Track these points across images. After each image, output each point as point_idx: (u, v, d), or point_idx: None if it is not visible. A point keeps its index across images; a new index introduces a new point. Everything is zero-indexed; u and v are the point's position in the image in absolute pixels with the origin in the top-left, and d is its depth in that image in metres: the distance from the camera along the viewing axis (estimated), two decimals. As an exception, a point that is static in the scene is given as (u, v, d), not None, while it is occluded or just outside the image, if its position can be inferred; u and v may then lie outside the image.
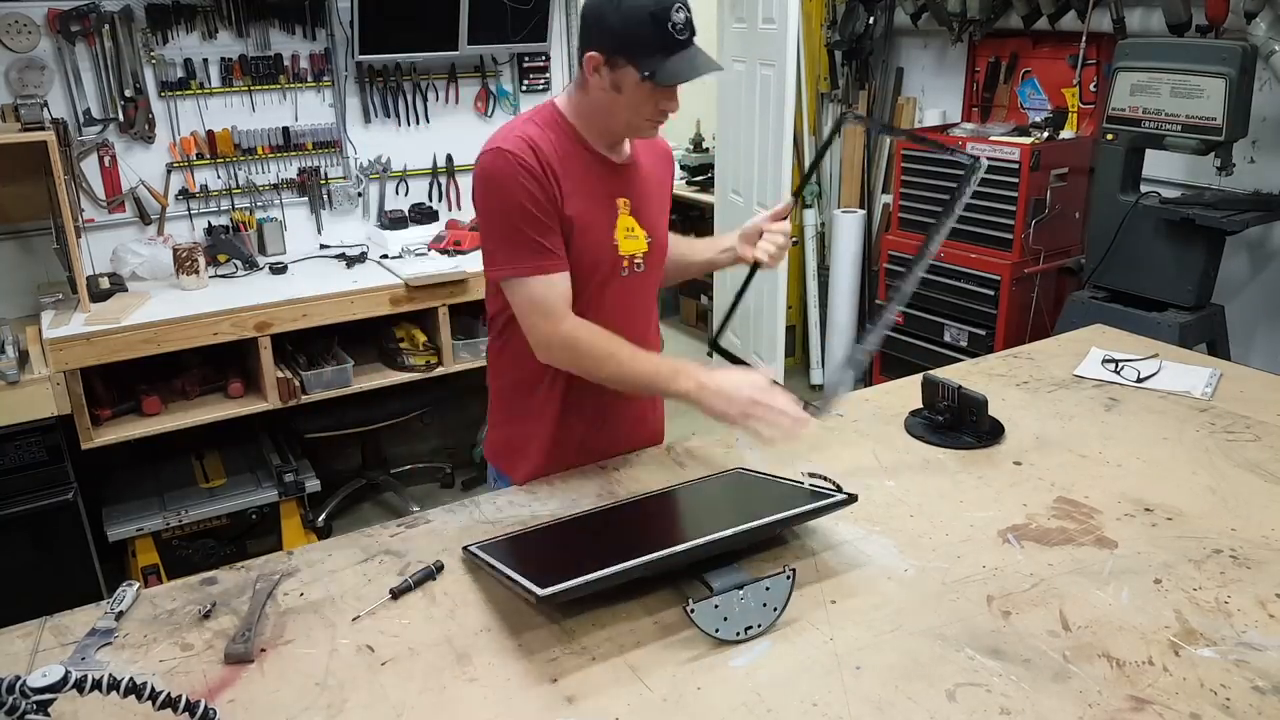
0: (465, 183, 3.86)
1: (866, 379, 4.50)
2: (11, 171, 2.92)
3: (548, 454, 1.73)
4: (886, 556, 1.44)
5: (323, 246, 3.61)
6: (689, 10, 1.51)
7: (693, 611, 1.24)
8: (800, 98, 4.36)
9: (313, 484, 3.31)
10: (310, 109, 3.53)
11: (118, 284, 3.11)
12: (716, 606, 1.25)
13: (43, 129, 2.77)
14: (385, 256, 3.47)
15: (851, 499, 1.43)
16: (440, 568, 1.42)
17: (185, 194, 3.39)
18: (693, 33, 1.51)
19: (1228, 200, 2.99)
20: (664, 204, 1.79)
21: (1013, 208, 3.48)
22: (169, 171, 3.35)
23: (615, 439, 1.79)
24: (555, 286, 1.56)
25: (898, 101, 4.46)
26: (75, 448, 2.84)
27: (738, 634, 1.25)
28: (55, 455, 2.79)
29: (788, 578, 1.29)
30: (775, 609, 1.28)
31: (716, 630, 1.25)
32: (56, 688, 0.98)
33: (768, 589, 1.28)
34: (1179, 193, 3.21)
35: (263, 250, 3.51)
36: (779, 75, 3.87)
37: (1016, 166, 3.44)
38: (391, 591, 1.36)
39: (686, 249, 1.93)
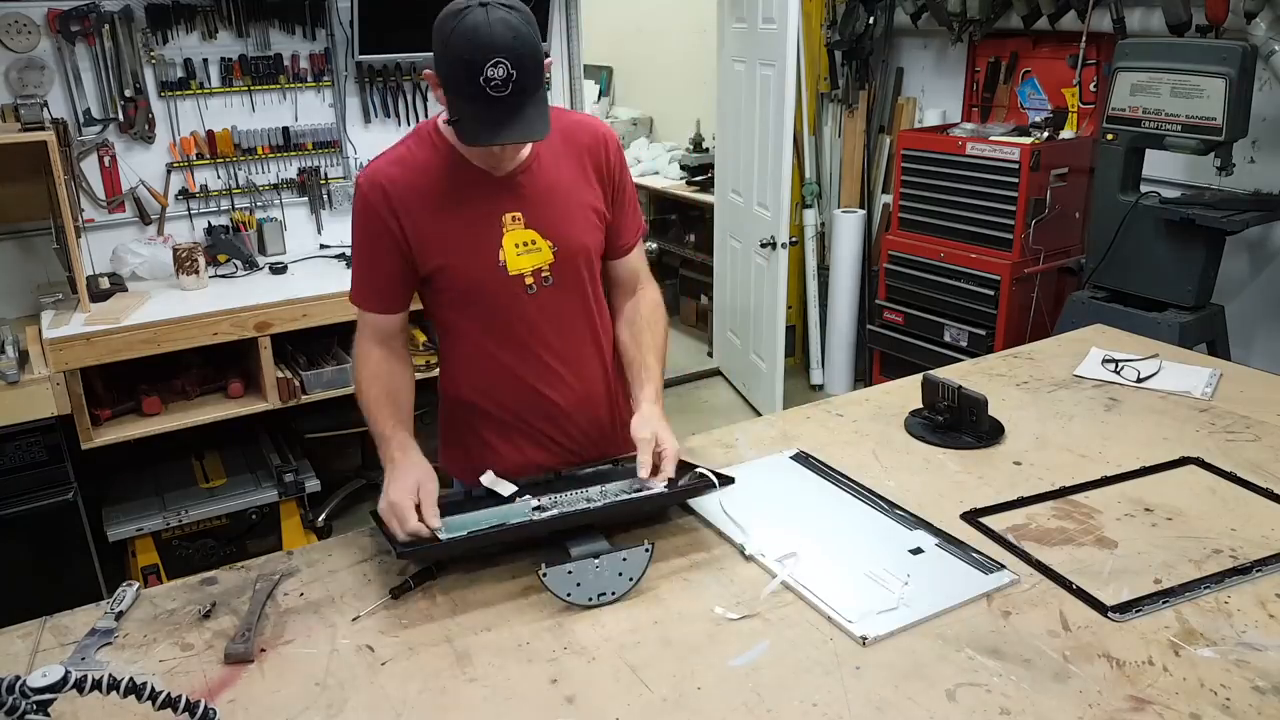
0: (465, 183, 3.86)
1: (867, 379, 4.51)
2: (11, 171, 2.92)
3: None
4: (886, 556, 1.43)
5: (323, 246, 3.61)
6: (514, 68, 1.32)
7: (545, 575, 1.31)
8: (800, 98, 4.36)
9: (313, 484, 3.31)
10: (310, 109, 3.53)
11: (118, 284, 3.11)
12: (570, 572, 1.33)
13: (43, 129, 2.77)
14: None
15: (724, 481, 1.51)
16: (440, 568, 1.42)
17: (185, 194, 3.39)
18: (518, 89, 1.34)
19: (1228, 200, 2.99)
20: (585, 202, 1.62)
21: (1013, 208, 3.48)
22: (169, 171, 3.35)
23: (572, 455, 1.72)
24: (366, 320, 1.62)
25: (898, 102, 4.46)
26: (75, 448, 2.83)
27: (589, 599, 1.32)
28: (55, 455, 2.79)
29: (646, 550, 1.36)
30: (631, 579, 1.34)
31: (568, 595, 1.32)
32: (56, 688, 0.98)
33: (624, 559, 1.35)
34: (1179, 193, 3.21)
35: (263, 250, 3.50)
36: (779, 75, 3.87)
37: (1016, 166, 3.43)
38: (391, 591, 1.36)
39: (633, 345, 1.70)
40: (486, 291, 1.57)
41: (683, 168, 5.35)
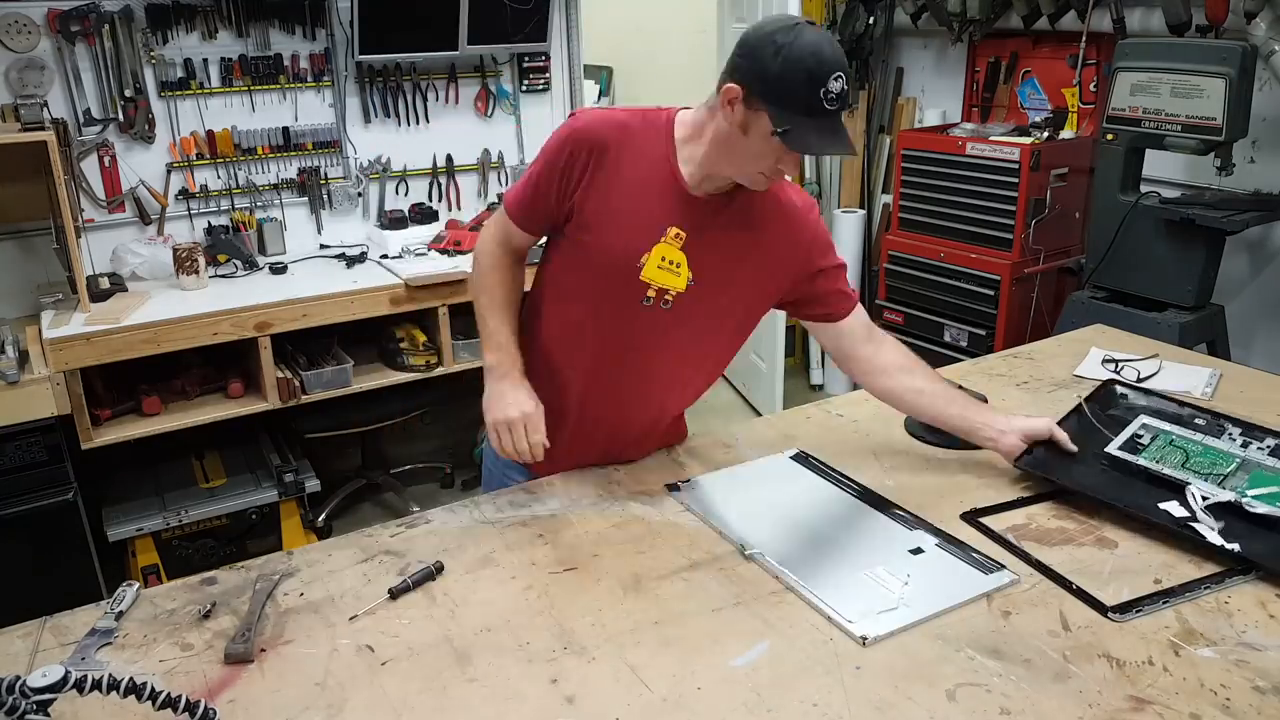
0: (465, 183, 3.86)
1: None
2: (11, 171, 2.92)
3: (564, 456, 1.68)
4: (886, 556, 1.43)
5: (323, 246, 3.61)
6: (848, 84, 1.40)
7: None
8: (800, 98, 4.35)
9: (313, 484, 3.31)
10: (310, 109, 3.53)
11: (118, 284, 3.11)
12: None
13: (43, 129, 2.77)
14: (385, 256, 3.47)
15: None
16: (440, 568, 1.42)
17: (185, 194, 3.39)
18: (844, 106, 1.41)
19: (1228, 200, 2.99)
20: (757, 263, 1.61)
21: (1013, 208, 3.48)
22: (169, 171, 3.35)
23: (628, 448, 1.75)
24: (504, 223, 1.65)
25: (898, 101, 4.46)
26: (75, 448, 2.83)
27: None
28: (55, 455, 2.79)
29: None
30: None
31: None
32: (56, 688, 0.99)
33: None
34: (1179, 193, 3.21)
35: (263, 250, 3.50)
36: (779, 75, 3.87)
37: (1016, 166, 3.44)
38: (390, 591, 1.36)
39: (936, 400, 1.71)
40: (611, 278, 1.57)
41: (683, 167, 5.34)
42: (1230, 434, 1.73)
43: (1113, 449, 1.66)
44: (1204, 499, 1.49)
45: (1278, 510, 1.46)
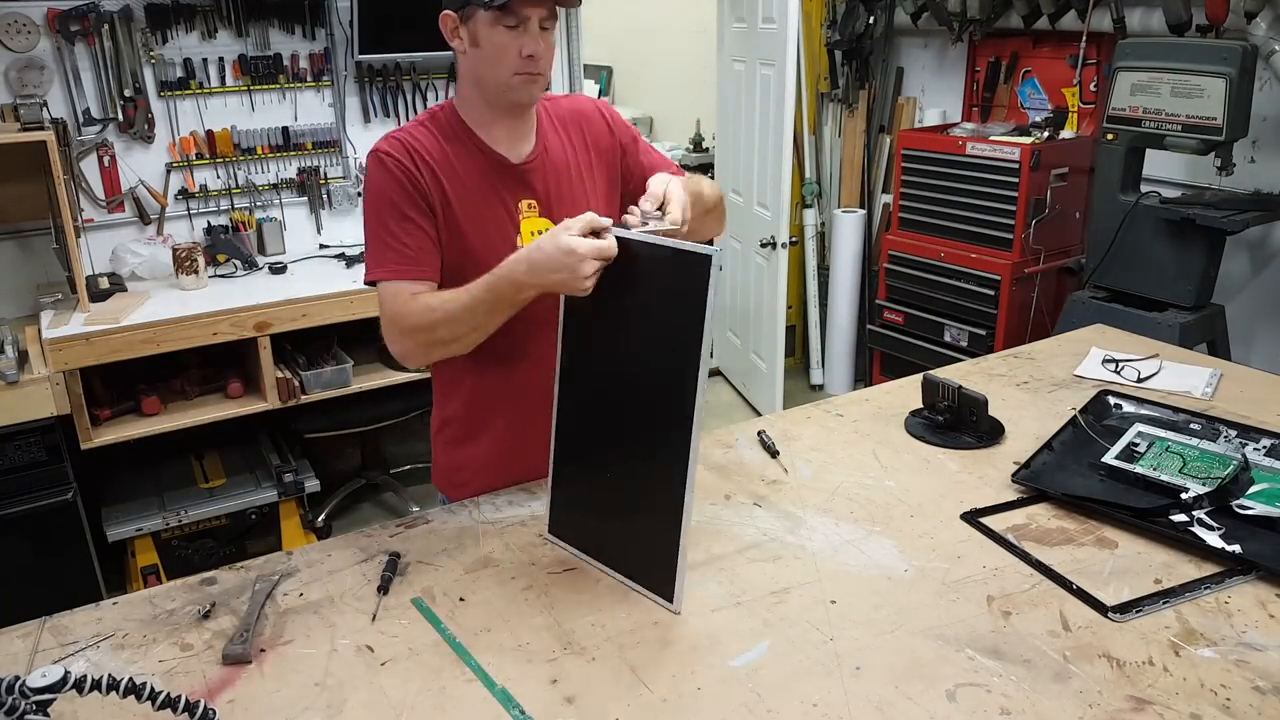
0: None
1: (867, 379, 4.51)
2: (11, 171, 2.92)
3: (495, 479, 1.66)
4: (886, 556, 1.44)
5: (322, 246, 3.61)
6: None
7: None
8: (800, 98, 4.36)
9: (312, 484, 3.31)
10: (310, 109, 3.53)
11: (117, 284, 3.11)
12: None
13: (42, 129, 2.77)
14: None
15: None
16: (397, 557, 1.43)
17: (185, 194, 3.39)
18: None
19: (1228, 200, 2.99)
20: (595, 186, 1.64)
21: (1013, 208, 3.48)
22: (168, 171, 3.35)
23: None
24: (399, 291, 1.49)
25: (898, 101, 4.46)
26: (75, 448, 2.83)
27: None
28: (55, 455, 2.79)
29: None
30: None
31: None
32: (56, 688, 0.98)
33: None
34: (1179, 193, 3.21)
35: (262, 250, 3.50)
36: (779, 75, 3.87)
37: (1016, 166, 3.43)
38: (379, 589, 1.37)
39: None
40: None
41: (683, 167, 5.34)
42: (1226, 436, 1.73)
43: (1110, 459, 1.66)
44: (1202, 502, 1.49)
45: (1276, 510, 1.46)
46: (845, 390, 4.58)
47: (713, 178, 4.87)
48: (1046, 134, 3.51)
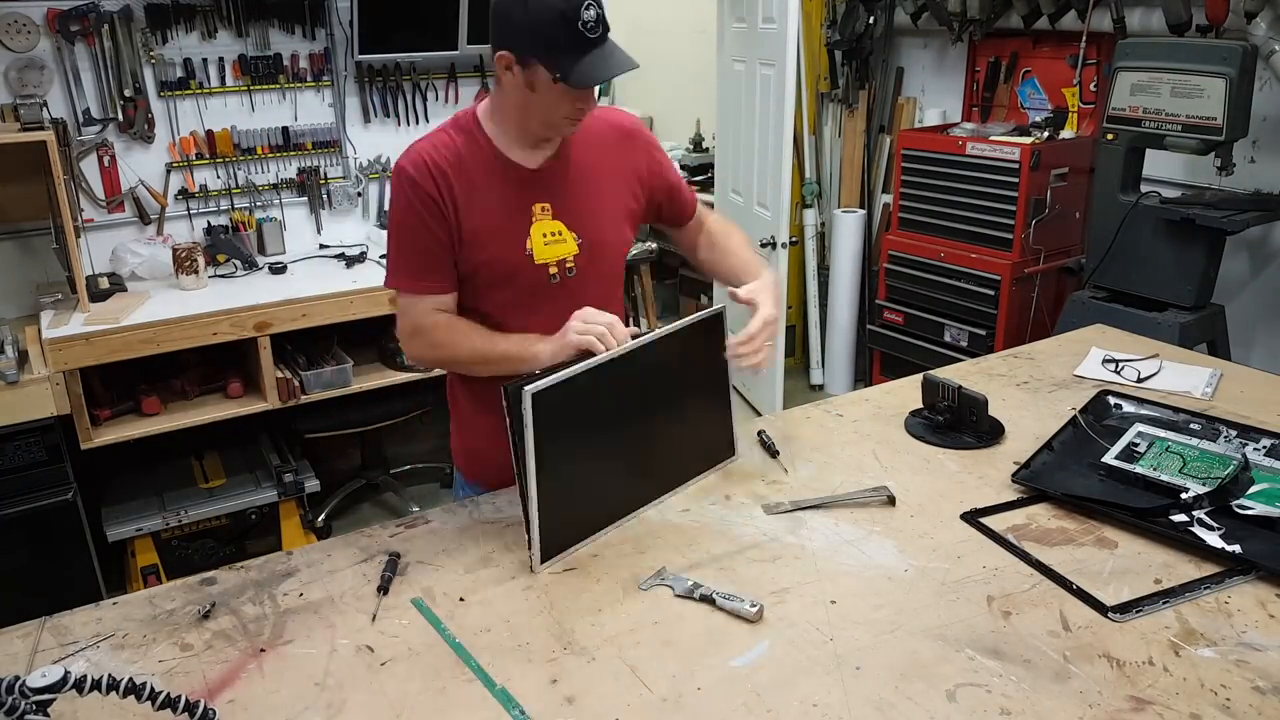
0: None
1: (867, 379, 4.51)
2: (11, 171, 2.92)
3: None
4: (886, 556, 1.44)
5: (322, 246, 3.61)
6: (600, 6, 1.44)
7: None
8: (800, 98, 4.35)
9: (312, 484, 3.31)
10: (310, 109, 3.53)
11: (117, 284, 3.11)
12: None
13: (42, 129, 2.77)
14: (385, 256, 3.47)
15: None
16: (397, 557, 1.43)
17: (185, 194, 3.39)
18: (606, 29, 1.45)
19: (1228, 200, 2.99)
20: (617, 194, 1.68)
21: (1013, 208, 3.48)
22: (168, 171, 3.35)
23: None
24: (420, 301, 1.60)
25: (898, 101, 4.46)
26: (75, 448, 2.83)
27: None
28: (55, 455, 2.79)
29: None
30: None
31: None
32: (56, 688, 0.98)
33: None
34: (1179, 193, 3.21)
35: (262, 250, 3.50)
36: (779, 75, 3.87)
37: (1016, 166, 3.43)
38: (379, 589, 1.37)
39: (721, 254, 1.82)
40: (514, 279, 1.61)
41: (683, 167, 5.34)
42: (1226, 436, 1.73)
43: (1110, 459, 1.66)
44: (1202, 502, 1.49)
45: (1276, 510, 1.46)
46: (845, 390, 4.58)
47: (713, 178, 4.89)
48: (1046, 134, 3.51)
